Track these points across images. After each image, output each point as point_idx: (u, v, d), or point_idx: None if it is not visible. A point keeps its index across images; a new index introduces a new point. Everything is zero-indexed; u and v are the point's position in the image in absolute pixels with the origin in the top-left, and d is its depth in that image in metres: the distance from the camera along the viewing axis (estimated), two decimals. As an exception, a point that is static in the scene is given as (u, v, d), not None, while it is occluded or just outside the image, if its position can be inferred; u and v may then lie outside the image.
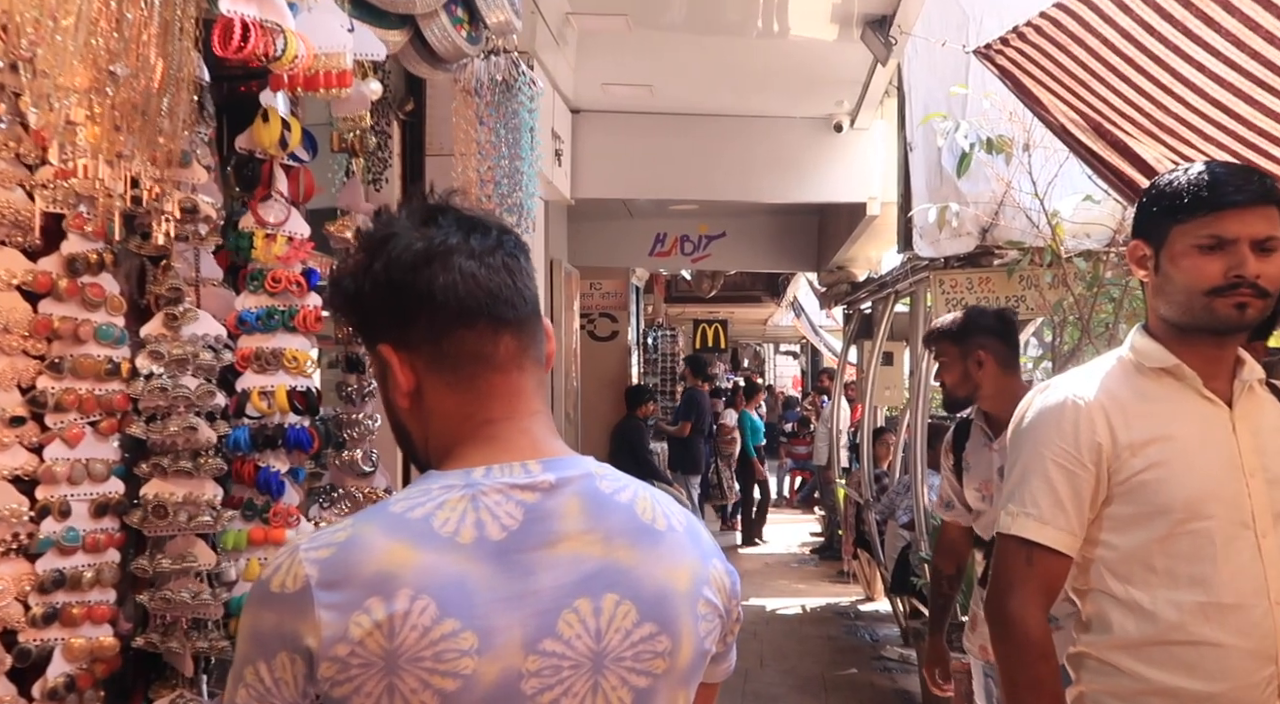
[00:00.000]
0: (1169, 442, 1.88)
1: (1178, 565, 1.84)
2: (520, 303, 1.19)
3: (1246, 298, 1.84)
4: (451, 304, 1.16)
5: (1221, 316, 1.86)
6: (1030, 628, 1.85)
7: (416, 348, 1.18)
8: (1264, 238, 1.84)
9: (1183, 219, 1.87)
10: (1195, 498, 1.84)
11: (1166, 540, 1.84)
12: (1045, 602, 1.89)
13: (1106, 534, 1.90)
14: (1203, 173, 1.88)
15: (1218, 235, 1.84)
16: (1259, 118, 2.64)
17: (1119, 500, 1.89)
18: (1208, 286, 1.85)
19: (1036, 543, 1.88)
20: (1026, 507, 1.90)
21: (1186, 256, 1.87)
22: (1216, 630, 1.81)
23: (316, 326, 2.59)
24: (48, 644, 2.16)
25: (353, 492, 2.92)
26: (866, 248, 9.38)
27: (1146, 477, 1.86)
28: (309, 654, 1.07)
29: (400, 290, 1.17)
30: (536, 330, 1.23)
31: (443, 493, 1.14)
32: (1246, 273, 1.82)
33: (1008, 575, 1.91)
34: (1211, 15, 2.43)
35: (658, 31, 6.24)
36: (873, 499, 7.63)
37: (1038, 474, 1.91)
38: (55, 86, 1.75)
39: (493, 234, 1.19)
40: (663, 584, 1.18)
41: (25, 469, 2.14)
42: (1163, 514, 1.85)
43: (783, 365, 25.86)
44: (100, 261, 2.23)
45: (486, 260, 1.17)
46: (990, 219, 5.21)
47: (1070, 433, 1.90)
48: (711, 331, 16.51)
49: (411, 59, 2.89)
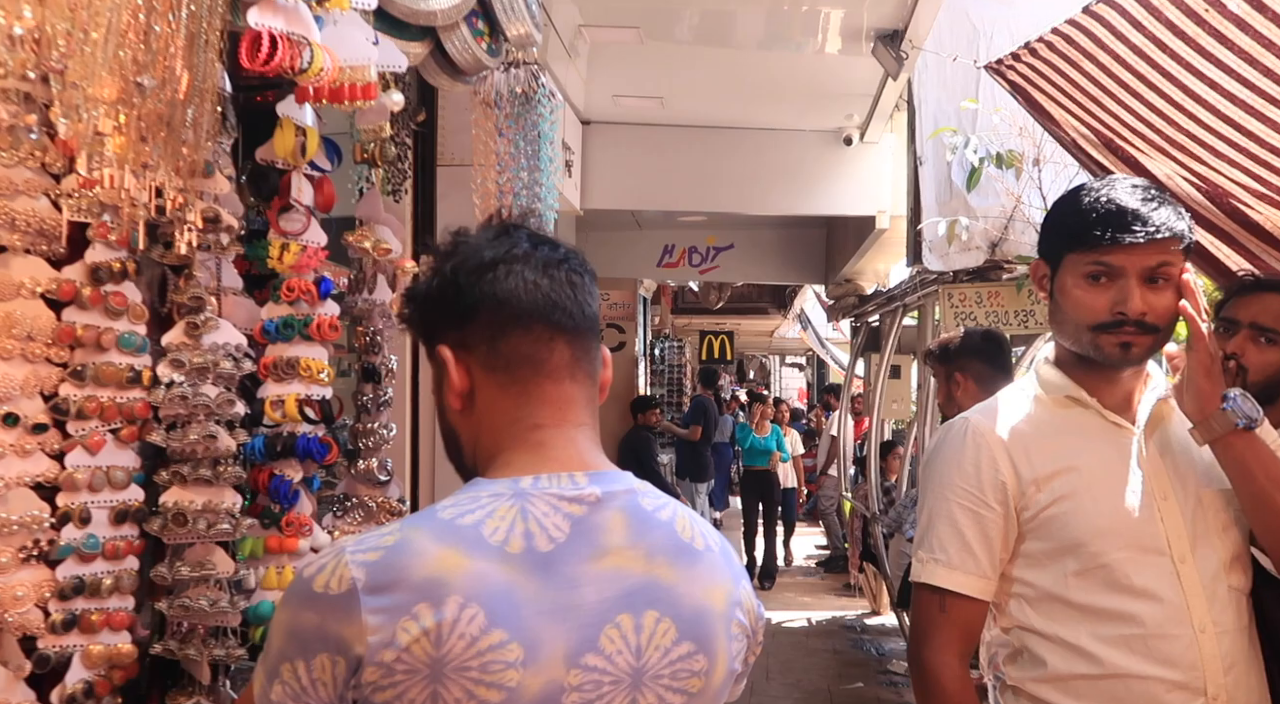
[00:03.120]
0: (1073, 473, 1.80)
1: (1096, 599, 1.76)
2: (579, 314, 1.21)
3: (1130, 337, 1.76)
4: (511, 305, 1.18)
5: (1106, 354, 1.79)
6: (945, 679, 1.78)
7: (473, 349, 1.20)
8: (1155, 266, 1.76)
9: (1073, 248, 1.80)
10: (1104, 529, 1.77)
11: (1081, 575, 1.77)
12: (963, 649, 1.82)
13: (1021, 571, 1.83)
14: (1100, 199, 1.78)
15: (1105, 265, 1.76)
16: (1271, 135, 2.65)
17: (1031, 537, 1.81)
18: (1092, 322, 1.78)
19: (948, 590, 1.81)
20: (935, 552, 1.83)
21: (1076, 287, 1.80)
22: (1141, 663, 1.73)
23: (331, 335, 2.60)
24: (67, 650, 2.17)
25: (366, 501, 2.93)
26: (874, 261, 9.39)
27: (1054, 511, 1.79)
28: (353, 657, 1.06)
29: (463, 291, 1.19)
30: (592, 346, 1.24)
31: (491, 501, 1.14)
32: (1129, 310, 1.75)
33: (922, 624, 1.84)
34: (1225, 32, 2.45)
35: (669, 44, 6.26)
36: (880, 512, 7.63)
37: (943, 518, 1.84)
38: (85, 97, 1.77)
39: (560, 250, 1.23)
40: (701, 603, 1.19)
41: (47, 476, 2.15)
42: (1074, 548, 1.77)
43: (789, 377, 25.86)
44: (123, 270, 2.24)
45: (550, 272, 1.20)
46: (1000, 233, 5.24)
47: (972, 472, 1.83)
48: (718, 343, 16.53)
49: (431, 70, 2.91)
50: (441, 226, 4.50)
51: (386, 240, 2.82)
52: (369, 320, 2.95)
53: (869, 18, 5.35)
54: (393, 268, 2.92)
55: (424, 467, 4.48)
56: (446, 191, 4.52)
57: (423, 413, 4.45)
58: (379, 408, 2.98)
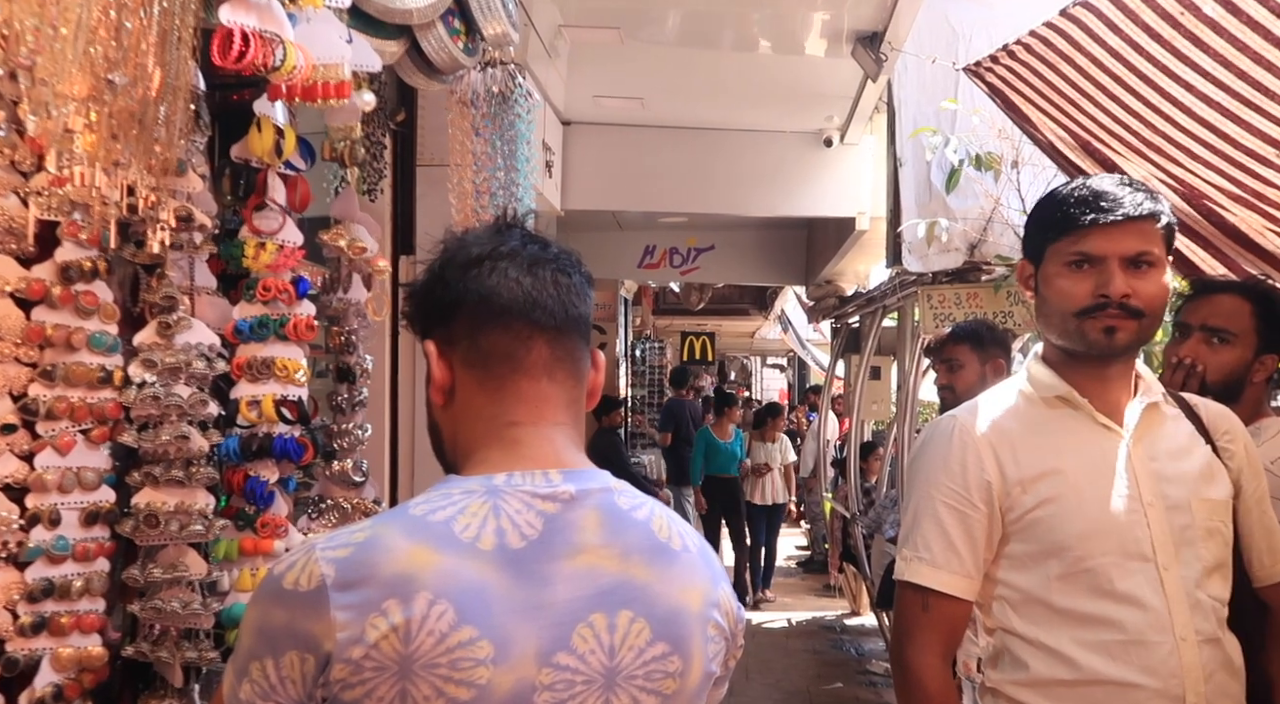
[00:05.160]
0: (1059, 475, 1.78)
1: (1078, 604, 1.75)
2: (561, 314, 1.21)
3: (1114, 320, 1.75)
4: (492, 301, 1.18)
5: (1091, 341, 1.77)
6: (927, 678, 1.78)
7: (456, 344, 1.21)
8: (1135, 254, 1.75)
9: (1053, 237, 1.80)
10: (1089, 533, 1.75)
11: (1065, 579, 1.76)
12: (945, 649, 1.81)
13: (1005, 573, 1.82)
14: (1077, 188, 1.80)
15: (1085, 252, 1.76)
16: (1246, 137, 2.67)
17: (1015, 539, 1.80)
18: (1075, 308, 1.77)
19: (931, 589, 1.80)
20: (919, 551, 1.82)
21: (1058, 276, 1.79)
22: (1122, 670, 1.72)
23: (308, 335, 2.58)
24: (36, 654, 2.14)
25: (341, 503, 2.92)
26: (855, 262, 9.42)
27: (1039, 513, 1.77)
28: (321, 655, 1.06)
29: (449, 286, 1.20)
30: (576, 347, 1.23)
31: (463, 498, 1.13)
32: (1111, 292, 1.73)
33: (904, 623, 1.83)
34: (1199, 35, 2.46)
35: (650, 45, 6.26)
36: (860, 513, 7.64)
37: (928, 516, 1.82)
38: (54, 94, 1.75)
39: (551, 250, 1.23)
40: (676, 604, 1.19)
41: (15, 477, 2.13)
42: (1058, 552, 1.76)
43: (770, 378, 25.90)
44: (94, 269, 2.22)
45: (536, 270, 1.20)
46: (979, 235, 5.25)
47: (958, 472, 1.81)
48: (699, 344, 16.54)
49: (408, 69, 2.90)
50: (421, 227, 4.49)
51: (361, 239, 2.80)
52: (344, 320, 2.93)
53: (849, 20, 5.36)
54: (367, 267, 2.90)
55: (403, 467, 4.45)
56: (426, 191, 4.51)
57: (401, 414, 4.43)
58: (354, 408, 2.96)
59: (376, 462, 3.93)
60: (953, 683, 1.82)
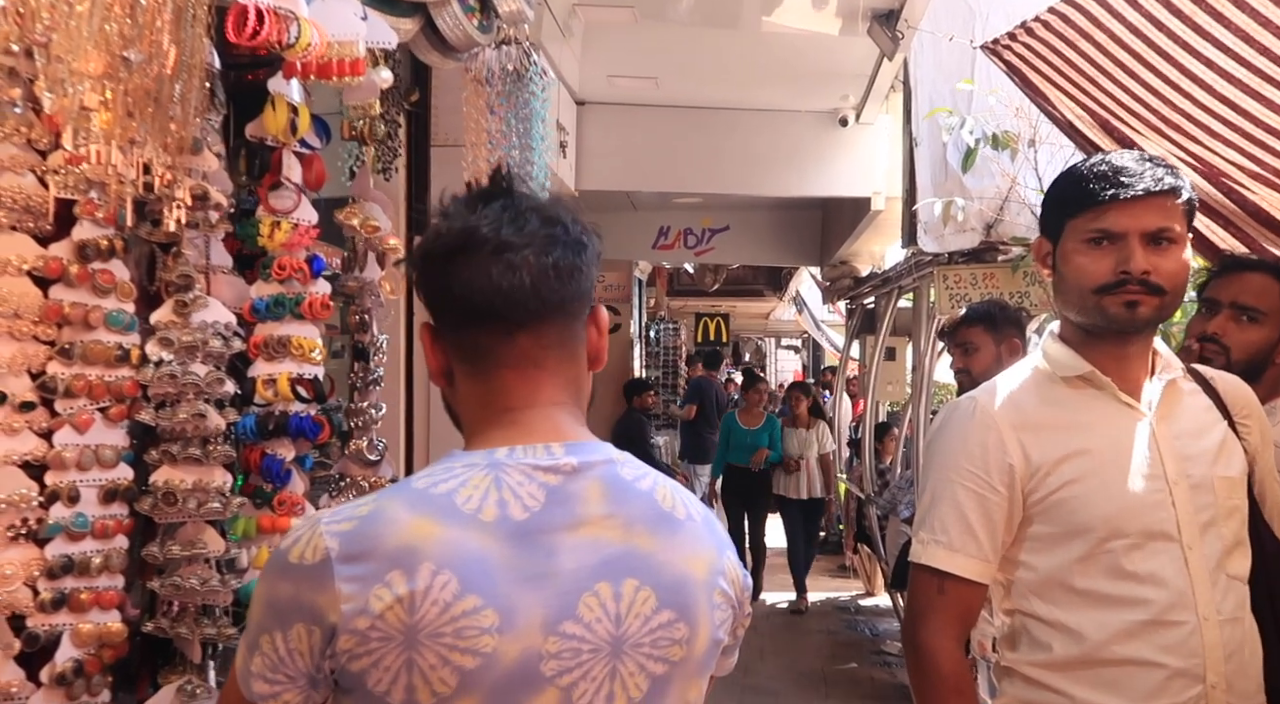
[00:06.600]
0: (1084, 456, 1.76)
1: (1100, 585, 1.73)
2: (536, 304, 1.16)
3: (1136, 295, 1.72)
4: (465, 303, 1.17)
5: (1112, 316, 1.75)
6: (941, 661, 1.76)
7: (444, 336, 1.22)
8: (1156, 230, 1.72)
9: (1073, 213, 1.77)
10: (1116, 514, 1.73)
11: (1087, 560, 1.74)
12: (959, 631, 1.79)
13: (1026, 555, 1.80)
14: (1097, 164, 1.77)
15: (1105, 229, 1.73)
16: (1267, 114, 2.63)
17: (1037, 521, 1.78)
18: (1096, 284, 1.74)
19: (947, 572, 1.78)
20: (936, 533, 1.80)
21: (1077, 253, 1.77)
22: (1143, 649, 1.71)
23: (324, 314, 2.59)
24: (56, 629, 2.17)
25: (359, 481, 2.93)
26: (870, 243, 9.37)
27: (1063, 495, 1.75)
28: (327, 626, 1.07)
29: (428, 282, 1.20)
30: (565, 330, 1.20)
31: (465, 470, 1.14)
32: (1132, 268, 1.70)
33: (919, 605, 1.81)
34: (1221, 10, 2.43)
35: (664, 24, 6.23)
36: (875, 494, 7.64)
37: (946, 499, 1.80)
38: (70, 72, 1.75)
39: (529, 227, 1.16)
40: (681, 572, 1.19)
41: (35, 454, 2.15)
42: (1082, 532, 1.74)
43: (784, 359, 25.86)
44: (111, 248, 2.23)
45: (507, 257, 1.14)
46: (995, 215, 5.21)
47: (979, 454, 1.79)
48: (714, 325, 16.50)
49: (422, 47, 2.89)
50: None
51: (375, 218, 2.80)
52: (360, 299, 2.94)
53: (865, -3, 5.33)
54: (381, 246, 2.90)
55: (419, 445, 4.47)
56: (440, 171, 4.51)
57: (417, 392, 4.44)
58: (369, 387, 2.97)
59: (392, 440, 3.94)
60: (966, 664, 1.82)
